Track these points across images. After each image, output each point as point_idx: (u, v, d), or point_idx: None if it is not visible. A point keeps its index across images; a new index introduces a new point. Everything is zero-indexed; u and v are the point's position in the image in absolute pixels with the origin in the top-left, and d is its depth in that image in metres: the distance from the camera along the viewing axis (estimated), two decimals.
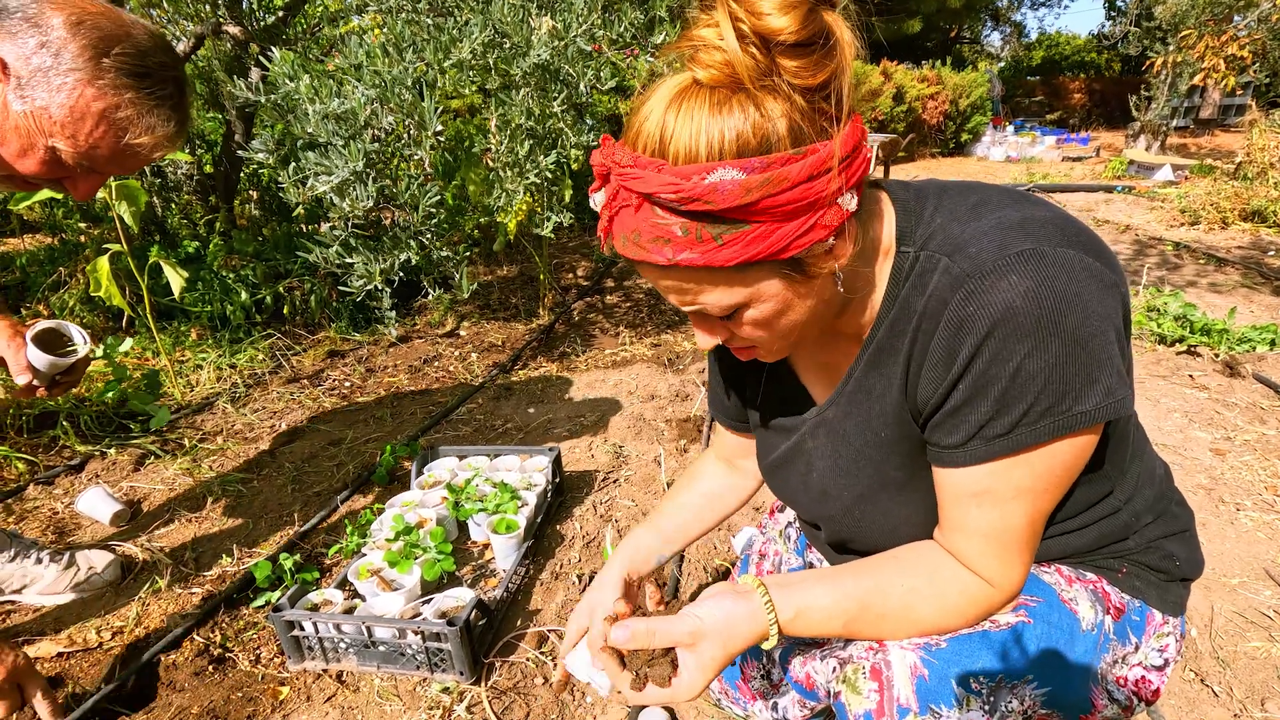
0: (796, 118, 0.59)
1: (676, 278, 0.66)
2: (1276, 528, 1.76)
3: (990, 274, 0.64)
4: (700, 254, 0.62)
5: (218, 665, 1.41)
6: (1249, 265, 4.23)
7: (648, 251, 0.64)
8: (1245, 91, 11.88)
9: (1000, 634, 0.75)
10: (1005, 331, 0.63)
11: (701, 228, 0.61)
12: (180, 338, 3.24)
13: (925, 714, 0.73)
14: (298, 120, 2.27)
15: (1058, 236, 0.65)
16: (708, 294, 0.67)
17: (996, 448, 0.67)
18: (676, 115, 0.60)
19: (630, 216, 0.64)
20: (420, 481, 1.89)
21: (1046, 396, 0.64)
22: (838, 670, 0.82)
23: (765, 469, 1.00)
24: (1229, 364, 2.73)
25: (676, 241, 0.62)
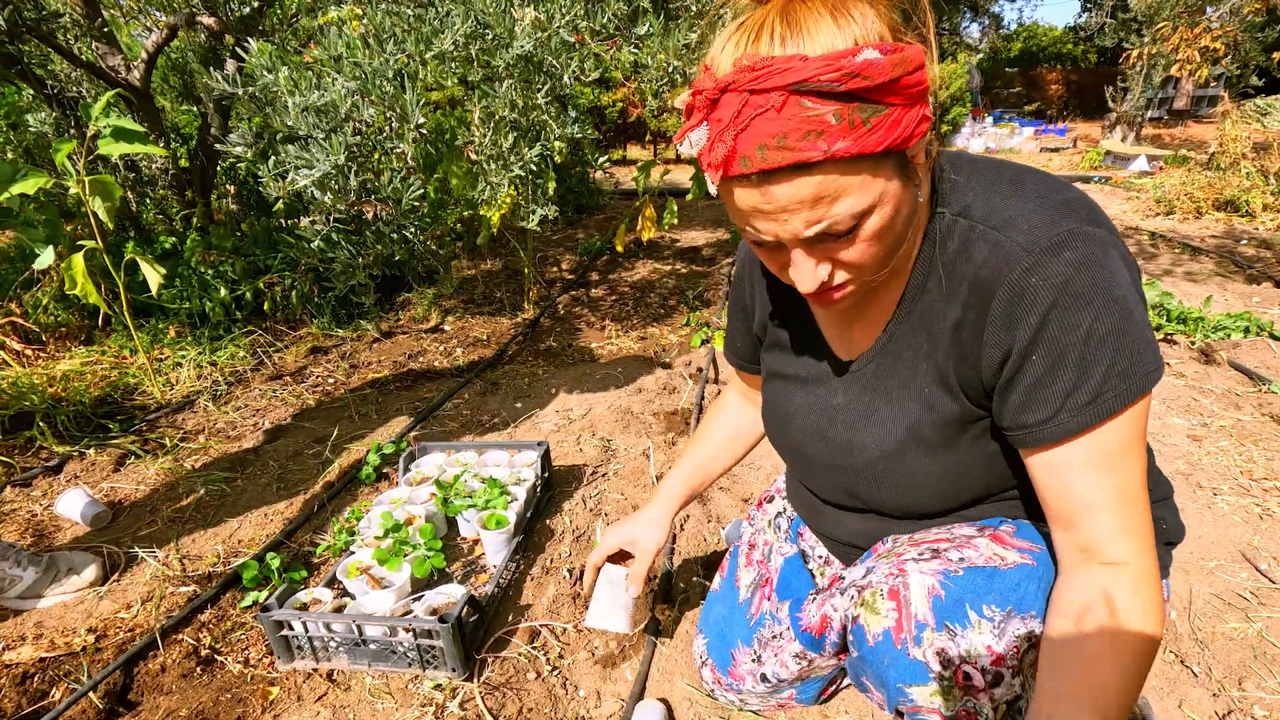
0: (891, 20, 0.65)
1: (822, 178, 0.63)
2: (1252, 511, 1.80)
3: (1047, 249, 0.69)
4: (854, 140, 0.61)
5: (205, 667, 1.39)
6: (1223, 254, 4.31)
7: (798, 151, 0.61)
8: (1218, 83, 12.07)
9: (1010, 571, 0.80)
10: (1068, 301, 0.68)
11: (853, 111, 0.60)
12: (159, 335, 3.19)
13: (941, 630, 0.77)
14: (277, 113, 2.23)
15: (1092, 217, 0.71)
16: (844, 200, 0.65)
17: (1089, 415, 0.70)
18: (799, 17, 0.62)
19: (771, 120, 0.61)
20: (408, 478, 1.87)
21: (1122, 359, 0.68)
22: (855, 597, 0.86)
23: (773, 418, 1.04)
24: (1205, 351, 2.78)
25: (830, 131, 0.61)
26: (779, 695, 1.20)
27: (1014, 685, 0.77)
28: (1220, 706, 1.27)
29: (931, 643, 0.78)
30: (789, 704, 1.23)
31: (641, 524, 1.19)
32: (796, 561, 1.16)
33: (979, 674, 0.76)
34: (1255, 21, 8.27)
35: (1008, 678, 0.77)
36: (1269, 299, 3.48)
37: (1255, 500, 1.84)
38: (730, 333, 1.16)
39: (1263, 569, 1.59)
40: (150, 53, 3.69)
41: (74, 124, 3.72)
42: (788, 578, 1.15)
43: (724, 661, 1.21)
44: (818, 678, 1.17)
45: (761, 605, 1.18)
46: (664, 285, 4.16)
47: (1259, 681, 1.31)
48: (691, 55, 2.66)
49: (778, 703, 1.22)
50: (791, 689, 1.18)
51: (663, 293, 4.01)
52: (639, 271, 4.50)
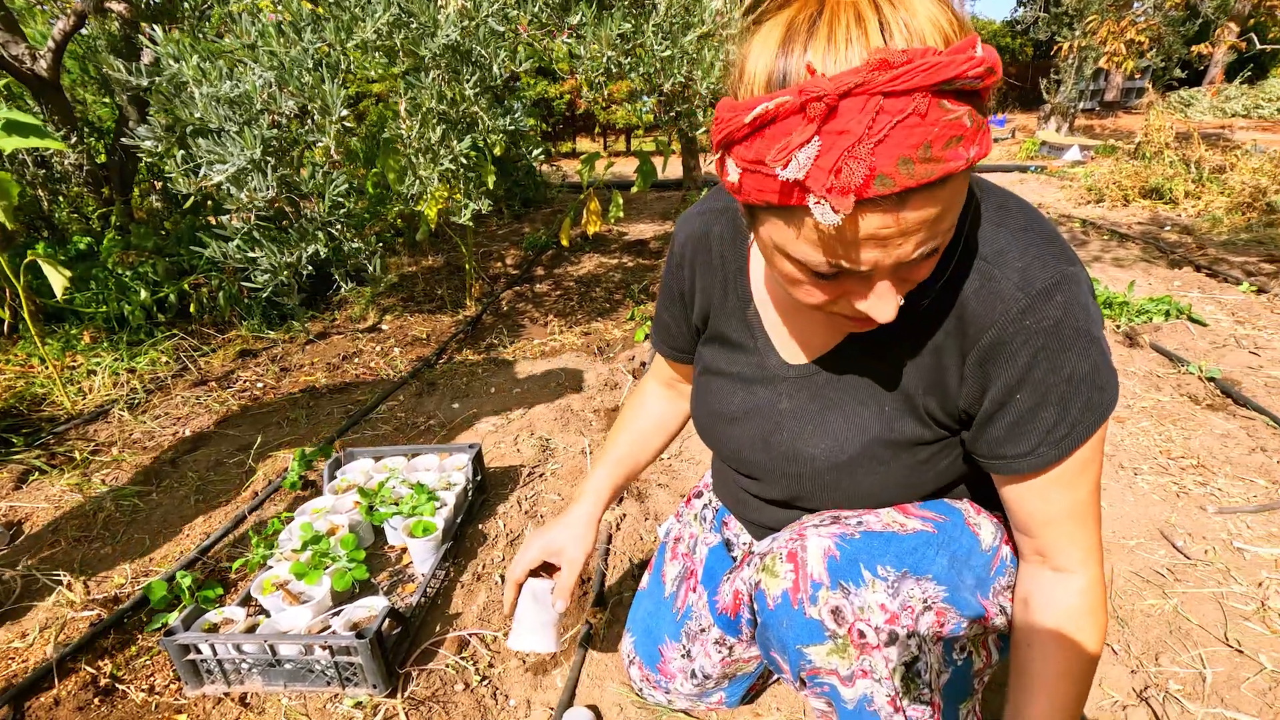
0: None
1: (952, 191, 0.57)
2: (1170, 490, 1.86)
3: (1041, 293, 0.69)
4: (980, 144, 0.55)
5: (105, 697, 1.31)
6: (1148, 240, 4.47)
7: (945, 162, 0.53)
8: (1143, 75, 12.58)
9: (908, 536, 0.82)
10: (1056, 343, 0.70)
11: (977, 111, 0.54)
12: (71, 341, 3.01)
13: (835, 589, 0.78)
14: (184, 105, 2.11)
15: (1070, 253, 0.73)
16: (954, 211, 0.59)
17: (1064, 447, 0.73)
18: (907, 6, 0.53)
19: (915, 128, 0.52)
20: (333, 486, 1.80)
21: (1094, 394, 0.72)
22: (758, 564, 0.86)
23: (709, 417, 0.99)
24: (1129, 334, 2.88)
25: (967, 136, 0.54)
26: (708, 699, 1.18)
27: (910, 646, 0.77)
28: (1138, 683, 1.30)
29: (826, 601, 0.78)
30: (719, 708, 1.21)
31: (567, 531, 1.11)
32: (720, 551, 1.14)
33: (872, 631, 0.76)
34: (1177, 16, 8.64)
35: (902, 637, 0.77)
36: (1189, 283, 3.62)
37: (1173, 479, 1.91)
38: (662, 320, 1.08)
39: (1179, 545, 1.64)
40: (58, 41, 3.48)
41: None
42: (712, 567, 1.13)
43: (652, 658, 1.19)
44: (744, 675, 1.16)
45: (687, 598, 1.15)
46: (610, 279, 4.12)
47: (1174, 656, 1.35)
48: (626, 45, 2.61)
49: (707, 706, 1.20)
50: (720, 691, 1.17)
51: (608, 287, 3.97)
52: (585, 266, 4.44)
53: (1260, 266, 3.80)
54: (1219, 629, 1.40)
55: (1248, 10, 8.83)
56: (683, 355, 1.09)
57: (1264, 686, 1.27)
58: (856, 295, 0.66)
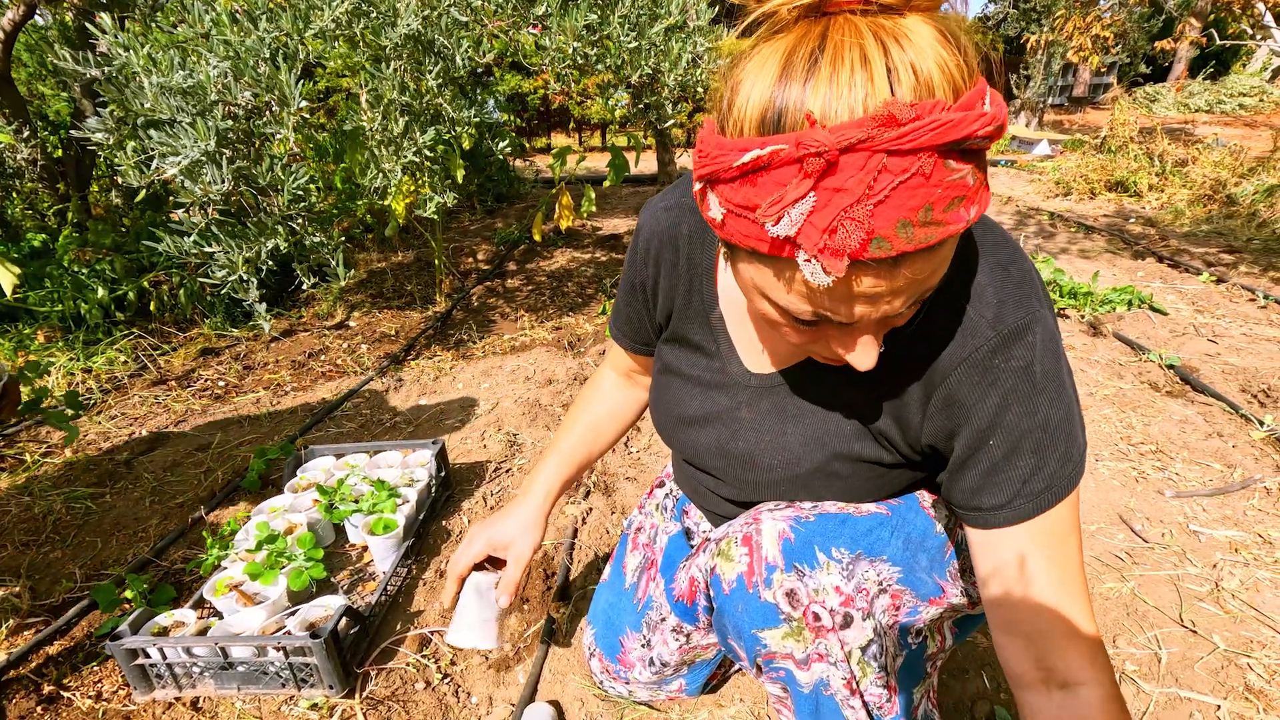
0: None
1: (946, 250, 0.55)
2: (1129, 475, 1.89)
3: (1013, 332, 0.67)
4: (980, 202, 0.52)
5: (49, 706, 1.26)
6: (1113, 232, 4.55)
7: (946, 225, 0.51)
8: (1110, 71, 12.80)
9: (862, 519, 0.81)
10: (1029, 387, 0.67)
11: (978, 170, 0.51)
12: (24, 340, 2.91)
13: (790, 571, 0.77)
14: (134, 95, 2.05)
15: (1043, 294, 0.70)
16: (946, 264, 0.57)
17: (1042, 501, 0.69)
18: (915, 47, 0.48)
19: (919, 189, 0.49)
20: (293, 484, 1.76)
21: (1072, 445, 0.69)
22: (714, 549, 0.85)
23: (669, 420, 0.97)
24: (1093, 324, 2.92)
25: (969, 196, 0.51)
26: (667, 687, 1.17)
27: (865, 629, 0.77)
28: None
29: (781, 584, 0.78)
30: (679, 696, 1.20)
31: (514, 525, 1.08)
32: (680, 539, 1.13)
33: (827, 614, 0.76)
34: (1143, 12, 8.80)
35: (858, 619, 0.77)
36: (1151, 273, 3.69)
37: (1132, 464, 1.94)
38: (623, 311, 1.04)
39: (1137, 529, 1.67)
40: (8, 31, 3.36)
41: None
42: (671, 556, 1.12)
43: (612, 649, 1.18)
44: (703, 662, 1.15)
45: (648, 589, 1.14)
46: (582, 274, 4.09)
47: (1130, 638, 1.36)
48: (592, 37, 2.59)
49: (667, 695, 1.19)
50: (680, 679, 1.16)
51: (581, 281, 3.94)
52: (557, 260, 4.41)
53: (1220, 257, 3.89)
54: (1174, 610, 1.43)
55: (1209, 7, 9.01)
56: (643, 349, 1.07)
57: (1216, 665, 1.29)
58: (835, 341, 0.64)
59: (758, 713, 1.22)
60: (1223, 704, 1.21)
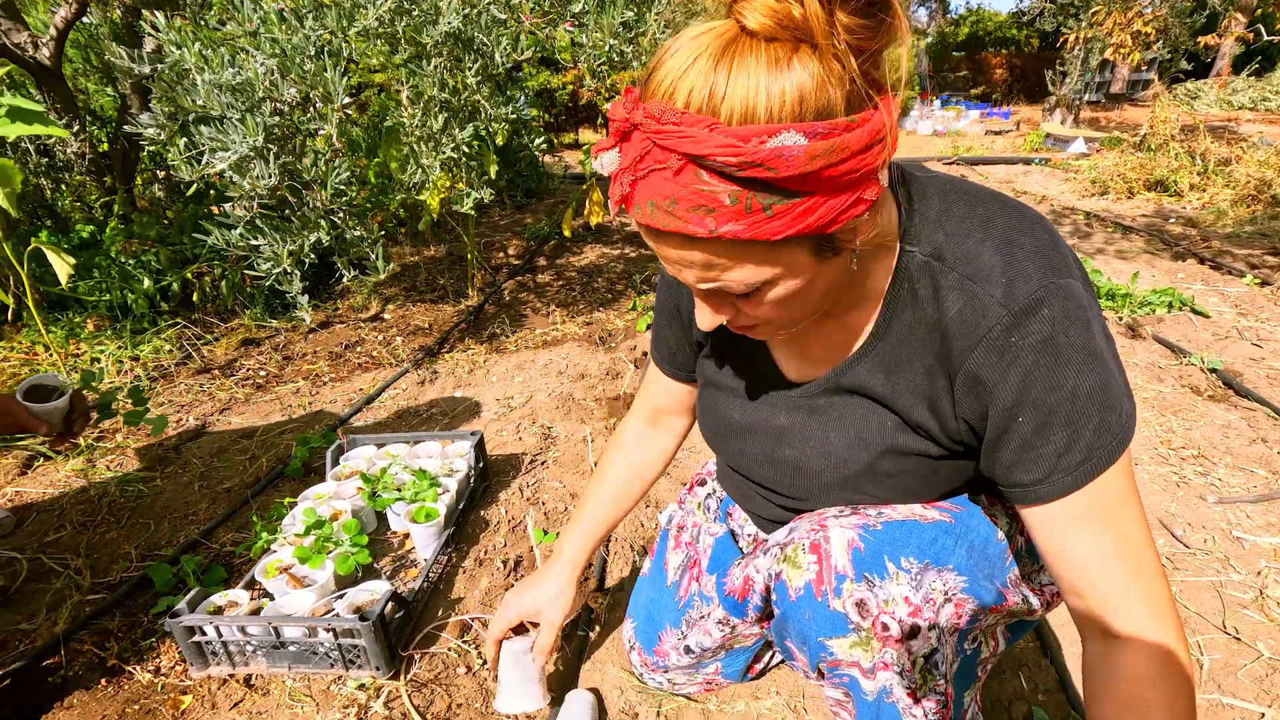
0: (854, 86, 0.55)
1: (710, 252, 0.60)
2: (1170, 480, 1.86)
3: (1026, 307, 0.66)
4: (747, 226, 0.57)
5: (111, 678, 1.32)
6: (1152, 232, 4.46)
7: (684, 222, 0.58)
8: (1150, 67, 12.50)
9: (927, 526, 0.81)
10: (1051, 359, 0.66)
11: (753, 197, 0.55)
12: (76, 329, 3.01)
13: (860, 581, 0.78)
14: (187, 92, 2.11)
15: (1063, 264, 0.69)
16: (736, 270, 0.62)
17: (1082, 474, 0.68)
18: (729, 69, 0.53)
19: (665, 181, 0.57)
20: (336, 472, 1.81)
21: (1109, 413, 0.67)
22: (778, 554, 0.86)
23: (714, 432, 1.00)
24: (1132, 326, 2.87)
25: (722, 211, 0.56)
26: (704, 670, 1.19)
27: (930, 638, 0.78)
28: None
29: (851, 594, 0.78)
30: (716, 680, 1.22)
31: (545, 595, 1.13)
32: (726, 541, 1.15)
33: (896, 624, 0.77)
34: (1184, 7, 8.57)
35: (924, 629, 0.77)
36: (1192, 275, 3.61)
37: (1173, 469, 1.91)
38: (662, 335, 1.06)
39: (1178, 535, 1.65)
40: (60, 29, 3.47)
41: None
42: (719, 556, 1.14)
43: (650, 643, 1.20)
44: (742, 648, 1.17)
45: (690, 587, 1.16)
46: (612, 270, 4.11)
47: None
48: (629, 34, 2.60)
49: (705, 679, 1.21)
50: (716, 661, 1.18)
51: (610, 277, 3.97)
52: (587, 256, 4.44)
53: (1264, 259, 3.79)
54: (1217, 617, 1.41)
55: (1255, 2, 8.75)
56: (684, 375, 1.08)
57: (1261, 674, 1.28)
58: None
59: (794, 705, 1.23)
60: (1267, 712, 1.20)
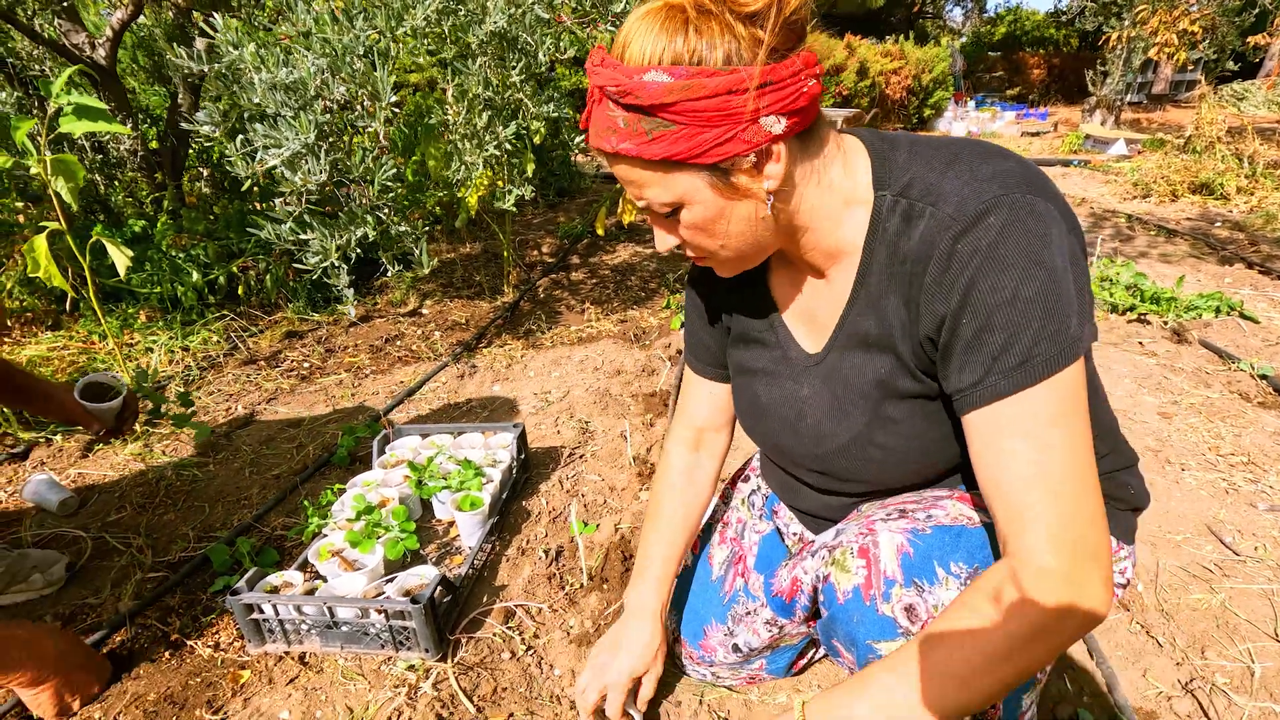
0: (734, 45, 0.67)
1: (622, 167, 0.75)
2: (1218, 486, 1.83)
3: (974, 215, 0.70)
4: (634, 145, 0.71)
5: (174, 651, 1.38)
6: (1197, 236, 4.36)
7: (602, 138, 0.73)
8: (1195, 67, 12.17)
9: (976, 530, 0.82)
10: (994, 263, 0.68)
11: (637, 121, 0.70)
12: (129, 320, 3.13)
13: (909, 586, 0.79)
14: (244, 90, 2.18)
15: (1025, 185, 0.71)
16: (649, 188, 0.75)
17: (1016, 379, 0.69)
18: (639, 27, 0.69)
19: (596, 108, 0.73)
20: (382, 461, 1.86)
21: (1052, 322, 0.68)
22: (826, 556, 0.87)
23: (748, 413, 1.04)
24: (1177, 331, 2.82)
25: (619, 132, 0.71)
26: (749, 666, 1.20)
27: None
28: (1183, 675, 1.29)
29: (900, 598, 0.79)
30: (760, 675, 1.23)
31: (640, 653, 1.10)
32: (773, 538, 1.17)
33: None
34: (1232, 6, 8.34)
35: None
36: (1240, 279, 3.53)
37: (1221, 475, 1.88)
38: (697, 338, 1.10)
39: (1227, 541, 1.62)
40: (115, 30, 3.59)
41: (37, 104, 3.62)
42: (766, 553, 1.16)
43: (696, 636, 1.22)
44: (788, 647, 1.18)
45: (735, 583, 1.18)
46: (645, 268, 4.14)
47: (1221, 650, 1.34)
48: None
49: (749, 674, 1.23)
50: (761, 659, 1.19)
51: (643, 275, 3.99)
52: (620, 254, 4.47)
53: None
54: (1269, 624, 1.39)
55: None
56: (719, 372, 1.11)
57: None
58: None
59: None
60: None
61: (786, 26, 0.67)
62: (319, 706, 1.27)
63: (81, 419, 1.56)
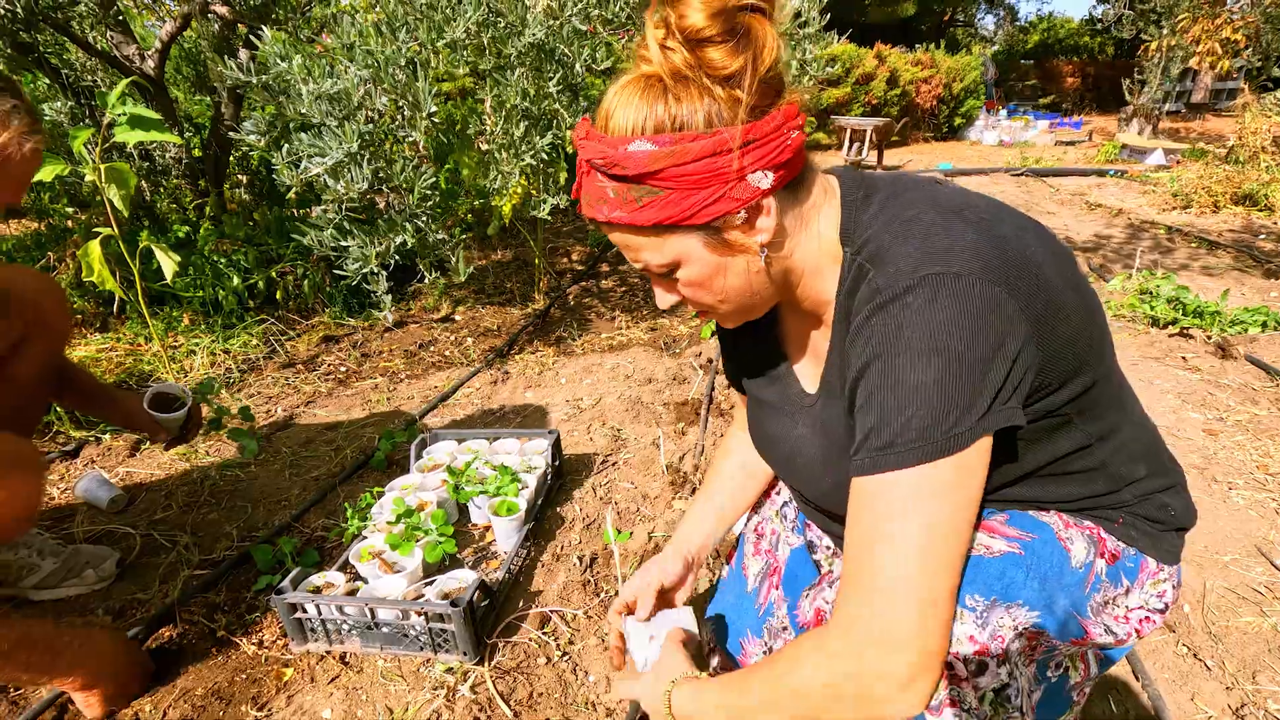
0: (714, 107, 0.68)
1: (617, 234, 0.76)
2: (1268, 506, 1.78)
3: (895, 292, 0.68)
4: (626, 213, 0.72)
5: (221, 648, 1.41)
6: (1241, 248, 4.25)
7: (594, 209, 0.75)
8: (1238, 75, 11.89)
9: (994, 560, 0.79)
10: (893, 345, 0.67)
11: (625, 190, 0.71)
12: (173, 323, 3.21)
13: None
14: (290, 101, 2.24)
15: (971, 264, 0.67)
16: (644, 251, 0.77)
17: (879, 461, 0.68)
18: (619, 98, 0.71)
19: (586, 179, 0.75)
20: (419, 465, 1.88)
21: (924, 415, 0.65)
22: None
23: (758, 441, 1.06)
24: (1221, 346, 2.75)
25: (610, 201, 0.73)
26: None
27: (1000, 674, 0.77)
28: (1234, 700, 1.26)
29: None
30: None
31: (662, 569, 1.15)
32: (803, 553, 1.16)
33: (961, 664, 0.76)
34: (1277, 12, 8.14)
35: (992, 666, 0.76)
36: None
37: (1271, 495, 1.83)
38: (727, 357, 1.14)
39: (1278, 563, 1.58)
40: (164, 42, 3.71)
41: (88, 113, 3.74)
42: (794, 570, 1.15)
43: (735, 651, 1.21)
44: None
45: (770, 595, 1.17)
46: None
47: (1273, 675, 1.30)
48: None
49: None
50: None
51: None
52: None
53: None
54: None
55: None
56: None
57: None
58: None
59: None
60: None
61: (763, 84, 0.68)
62: (360, 706, 1.29)
63: (148, 427, 1.63)
